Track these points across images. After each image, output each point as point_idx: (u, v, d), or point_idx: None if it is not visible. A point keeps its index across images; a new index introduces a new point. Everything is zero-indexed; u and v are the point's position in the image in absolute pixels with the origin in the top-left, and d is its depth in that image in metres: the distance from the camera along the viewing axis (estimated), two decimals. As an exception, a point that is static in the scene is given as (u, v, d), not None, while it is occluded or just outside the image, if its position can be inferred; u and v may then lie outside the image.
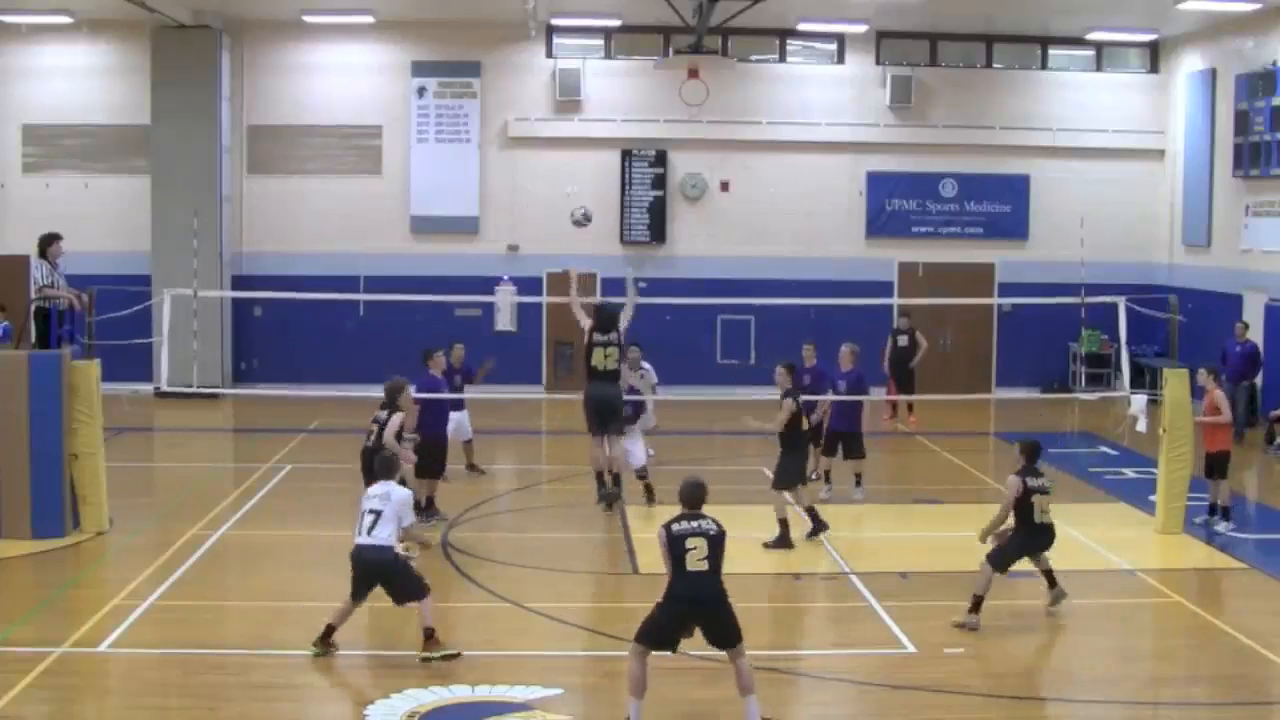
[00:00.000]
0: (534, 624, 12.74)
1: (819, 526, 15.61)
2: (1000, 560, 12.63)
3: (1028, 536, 12.76)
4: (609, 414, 16.60)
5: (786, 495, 15.55)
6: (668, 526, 10.19)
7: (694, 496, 10.36)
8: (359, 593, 11.65)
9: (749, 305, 26.41)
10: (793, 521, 15.47)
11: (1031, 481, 12.68)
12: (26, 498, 15.24)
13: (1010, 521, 12.78)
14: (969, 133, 28.15)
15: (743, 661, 10.11)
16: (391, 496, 11.63)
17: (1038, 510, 12.67)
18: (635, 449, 17.40)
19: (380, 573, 11.50)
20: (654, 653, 10.05)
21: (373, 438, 14.42)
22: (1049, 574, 13.03)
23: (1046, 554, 13.01)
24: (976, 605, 12.47)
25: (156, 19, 25.41)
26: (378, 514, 11.51)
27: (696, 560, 10.02)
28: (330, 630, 11.55)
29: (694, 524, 10.18)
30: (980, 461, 21.26)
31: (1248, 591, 14.07)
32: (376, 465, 12.48)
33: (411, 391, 14.82)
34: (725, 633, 10.10)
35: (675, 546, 10.06)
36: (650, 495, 17.16)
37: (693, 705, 10.80)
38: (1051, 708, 10.93)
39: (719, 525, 10.24)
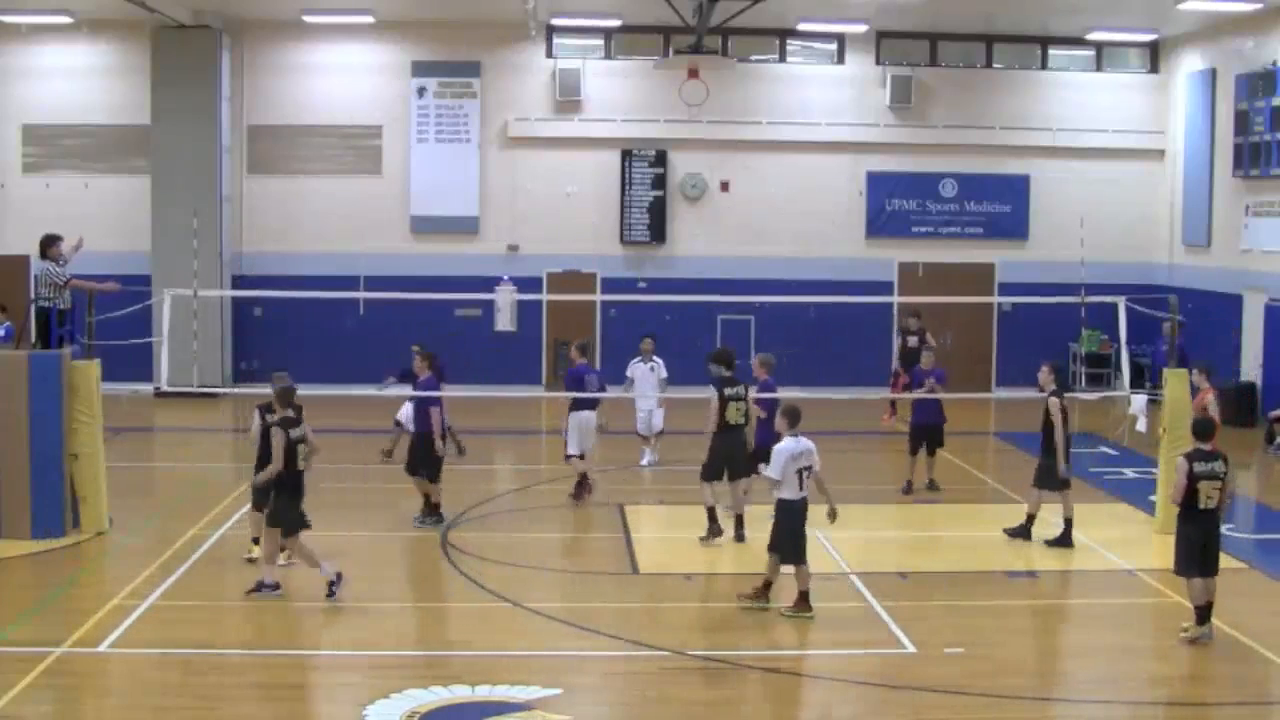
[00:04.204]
0: (534, 624, 12.74)
1: (1024, 532, 15.66)
2: (1184, 563, 12.20)
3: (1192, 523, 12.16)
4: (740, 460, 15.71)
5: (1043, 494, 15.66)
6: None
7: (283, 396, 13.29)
8: None
9: (749, 305, 26.41)
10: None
11: (1199, 466, 12.06)
12: (26, 498, 15.23)
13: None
14: (969, 133, 28.15)
15: None
16: None
17: (1202, 496, 12.07)
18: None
19: None
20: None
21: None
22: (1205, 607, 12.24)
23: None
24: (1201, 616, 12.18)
25: (156, 19, 25.41)
26: None
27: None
28: None
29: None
30: (980, 461, 21.27)
31: (1248, 591, 14.06)
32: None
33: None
34: None
35: None
36: None
37: (693, 705, 10.80)
38: (1051, 708, 10.93)
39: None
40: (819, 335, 27.23)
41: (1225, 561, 14.88)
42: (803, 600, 12.79)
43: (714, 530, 15.43)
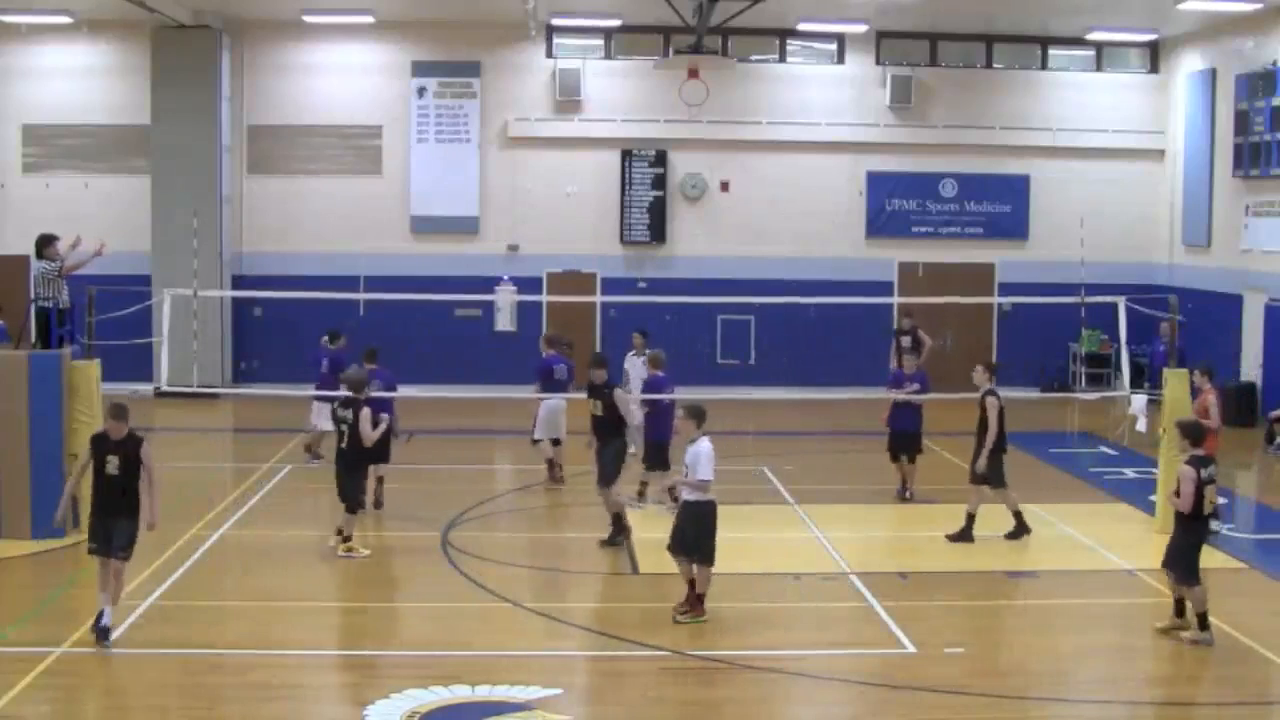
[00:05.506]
0: (534, 624, 12.74)
1: (1022, 529, 15.80)
2: (1191, 572, 12.10)
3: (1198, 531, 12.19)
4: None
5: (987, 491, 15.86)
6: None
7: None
8: None
9: (749, 305, 26.41)
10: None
11: (1204, 473, 12.01)
12: (26, 498, 15.23)
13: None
14: (969, 133, 28.15)
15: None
16: None
17: (1206, 503, 12.09)
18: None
19: None
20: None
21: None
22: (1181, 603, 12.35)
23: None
24: (1203, 622, 12.09)
25: (156, 19, 25.41)
26: None
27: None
28: None
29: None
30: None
31: (1248, 591, 14.07)
32: None
33: None
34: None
35: None
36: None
37: (692, 705, 10.80)
38: (1051, 708, 10.92)
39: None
40: (819, 335, 27.24)
41: (1225, 561, 14.97)
42: (699, 603, 12.57)
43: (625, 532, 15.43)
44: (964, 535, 15.66)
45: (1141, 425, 17.38)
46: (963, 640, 12.22)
